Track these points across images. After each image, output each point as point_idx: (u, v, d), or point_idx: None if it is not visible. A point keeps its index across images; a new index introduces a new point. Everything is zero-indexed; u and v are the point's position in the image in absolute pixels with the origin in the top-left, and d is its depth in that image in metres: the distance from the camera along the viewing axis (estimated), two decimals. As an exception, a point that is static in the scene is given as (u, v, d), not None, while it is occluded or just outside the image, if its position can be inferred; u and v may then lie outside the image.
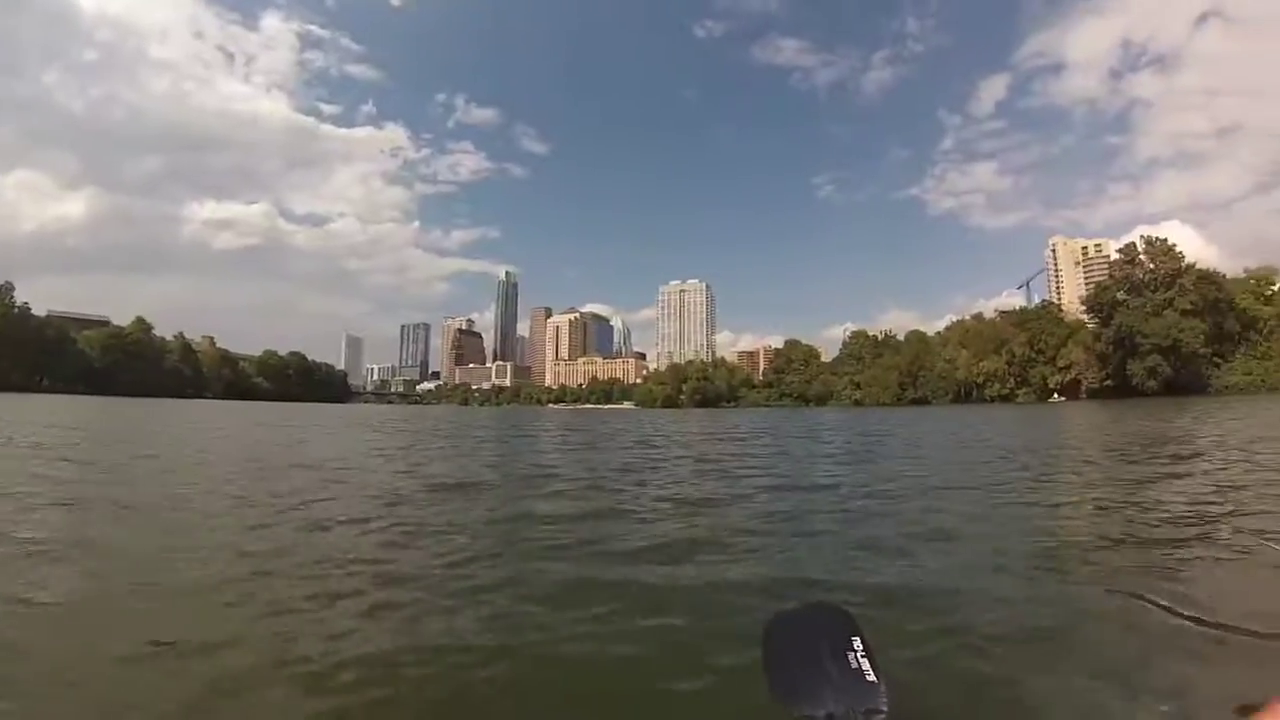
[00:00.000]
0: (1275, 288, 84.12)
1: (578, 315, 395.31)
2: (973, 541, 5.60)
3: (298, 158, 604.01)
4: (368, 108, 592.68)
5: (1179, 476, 9.72)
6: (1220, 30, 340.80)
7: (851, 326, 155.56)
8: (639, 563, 4.78)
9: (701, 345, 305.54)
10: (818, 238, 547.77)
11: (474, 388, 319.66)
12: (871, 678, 1.40)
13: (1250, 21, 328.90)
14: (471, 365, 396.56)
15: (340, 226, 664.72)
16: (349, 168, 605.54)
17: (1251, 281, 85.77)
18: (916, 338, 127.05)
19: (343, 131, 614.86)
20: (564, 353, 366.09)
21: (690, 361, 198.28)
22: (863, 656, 1.46)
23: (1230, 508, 6.87)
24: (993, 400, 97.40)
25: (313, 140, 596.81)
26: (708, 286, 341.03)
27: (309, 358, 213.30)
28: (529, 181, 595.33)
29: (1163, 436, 17.35)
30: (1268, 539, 5.02)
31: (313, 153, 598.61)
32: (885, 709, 1.31)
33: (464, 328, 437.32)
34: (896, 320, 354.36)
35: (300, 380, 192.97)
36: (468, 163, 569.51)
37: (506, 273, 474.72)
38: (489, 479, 10.07)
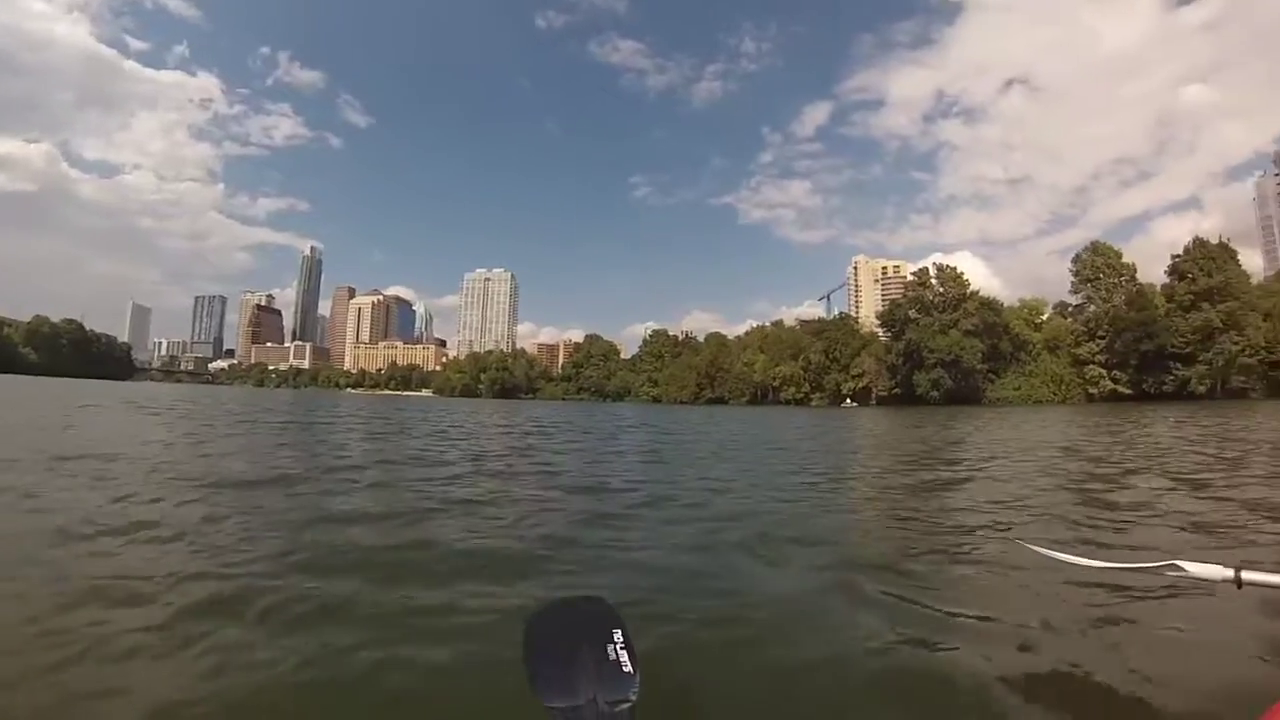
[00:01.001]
0: (1043, 317, 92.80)
1: (381, 298, 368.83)
2: (754, 540, 5.60)
3: (94, 95, 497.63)
4: (180, 49, 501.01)
5: (947, 476, 10.46)
6: (1024, 95, 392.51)
7: (653, 325, 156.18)
8: (424, 567, 4.57)
9: (503, 335, 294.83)
10: (628, 237, 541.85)
11: (271, 368, 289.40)
12: (628, 669, 1.43)
13: (1051, 92, 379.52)
14: (269, 344, 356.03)
15: (134, 180, 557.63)
16: (151, 115, 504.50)
17: (1025, 310, 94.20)
18: (716, 340, 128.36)
19: (149, 72, 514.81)
20: (365, 336, 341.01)
21: (491, 351, 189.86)
22: (622, 648, 1.47)
23: (987, 506, 7.45)
24: (788, 403, 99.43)
25: (114, 77, 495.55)
26: (513, 276, 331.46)
27: (88, 327, 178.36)
28: (346, 154, 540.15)
29: (941, 440, 19.12)
30: (1015, 536, 5.40)
31: (112, 92, 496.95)
32: (634, 698, 1.35)
33: (263, 304, 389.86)
34: (698, 322, 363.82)
35: (76, 353, 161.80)
36: (284, 126, 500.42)
37: (312, 248, 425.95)
38: (278, 475, 8.70)
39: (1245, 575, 1.99)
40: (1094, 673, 3.03)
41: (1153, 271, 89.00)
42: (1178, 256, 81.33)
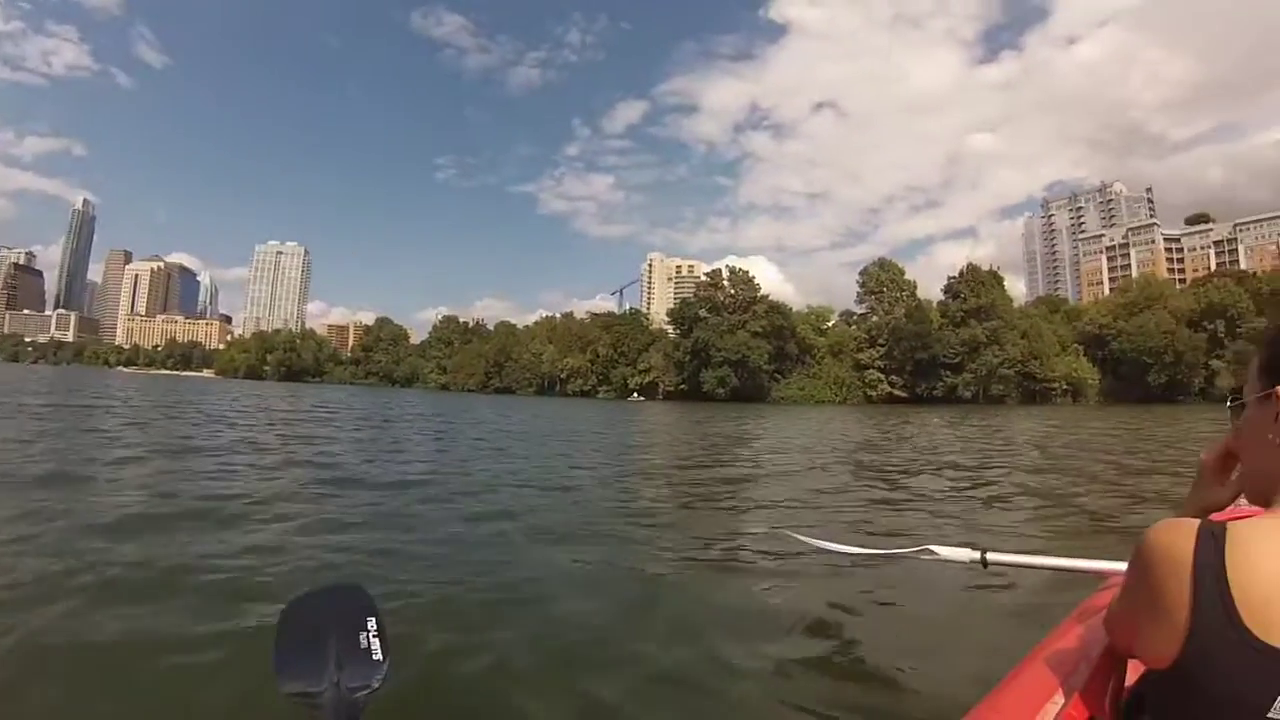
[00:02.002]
0: (829, 323, 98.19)
1: (162, 265, 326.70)
2: (527, 531, 5.81)
3: None
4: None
5: (726, 469, 11.26)
6: (831, 118, 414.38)
7: (445, 310, 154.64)
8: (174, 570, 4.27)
9: (292, 314, 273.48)
10: (426, 218, 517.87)
11: (27, 340, 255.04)
12: (378, 656, 1.44)
13: (857, 119, 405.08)
14: (26, 312, 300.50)
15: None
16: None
17: (812, 316, 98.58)
18: (506, 328, 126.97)
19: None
20: (141, 307, 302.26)
21: (279, 330, 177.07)
22: (374, 636, 1.48)
23: (762, 497, 8.20)
24: (574, 394, 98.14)
25: None
26: (306, 251, 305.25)
27: None
28: (134, 96, 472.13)
29: (724, 434, 20.96)
30: (784, 525, 5.27)
31: None
32: (377, 684, 1.38)
33: (21, 263, 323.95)
34: (490, 309, 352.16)
35: None
36: (66, 53, 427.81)
37: (85, 201, 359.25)
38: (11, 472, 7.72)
39: (990, 556, 2.21)
40: (854, 651, 3.32)
41: (932, 289, 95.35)
42: (953, 278, 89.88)
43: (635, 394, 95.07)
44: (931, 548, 2.39)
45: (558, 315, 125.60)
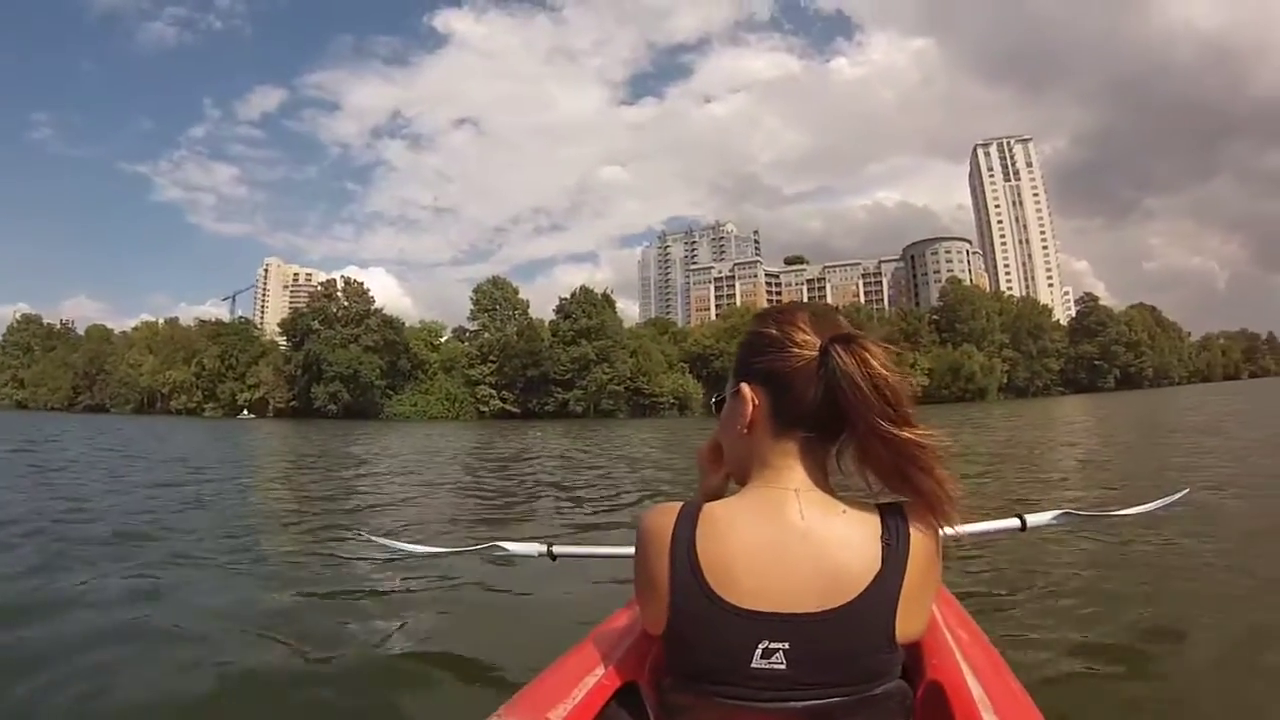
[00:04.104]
0: (442, 339, 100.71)
1: None
2: (101, 571, 5.41)
3: None
4: None
5: (324, 486, 11.65)
6: (470, 135, 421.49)
7: (25, 309, 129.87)
8: None
9: None
10: (9, 188, 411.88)
11: None
12: None
13: (494, 137, 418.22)
14: None
15: None
16: None
17: (424, 331, 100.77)
18: (99, 334, 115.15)
19: None
20: None
21: None
22: None
23: (357, 509, 8.68)
24: (179, 413, 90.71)
25: None
26: None
27: None
28: None
29: (330, 453, 20.99)
30: (367, 531, 5.41)
31: None
32: None
33: None
34: (81, 309, 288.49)
35: None
36: None
37: None
38: None
39: (556, 549, 2.32)
40: (425, 647, 3.55)
41: (550, 309, 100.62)
42: (565, 299, 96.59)
43: (245, 411, 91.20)
44: (500, 544, 2.47)
45: (161, 321, 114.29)
